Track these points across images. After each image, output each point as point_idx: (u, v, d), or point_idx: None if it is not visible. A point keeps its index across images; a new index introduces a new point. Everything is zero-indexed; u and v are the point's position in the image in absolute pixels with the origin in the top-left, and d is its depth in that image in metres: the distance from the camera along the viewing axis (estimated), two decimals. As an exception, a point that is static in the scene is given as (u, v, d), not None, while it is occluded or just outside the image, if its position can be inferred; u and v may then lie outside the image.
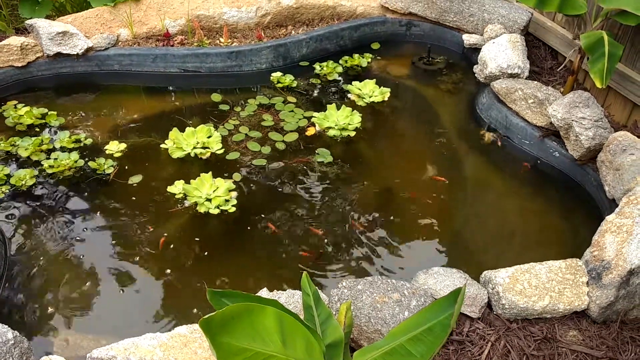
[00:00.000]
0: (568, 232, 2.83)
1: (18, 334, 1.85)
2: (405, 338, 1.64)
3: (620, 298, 2.17)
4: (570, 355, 2.10)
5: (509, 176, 3.17)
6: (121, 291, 2.43)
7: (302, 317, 1.95)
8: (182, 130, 3.18)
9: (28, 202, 2.81)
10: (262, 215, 2.78)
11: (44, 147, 3.11)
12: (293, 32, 4.05)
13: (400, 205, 2.90)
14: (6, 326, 1.83)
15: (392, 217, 2.81)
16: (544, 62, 3.81)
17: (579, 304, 2.19)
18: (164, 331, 2.02)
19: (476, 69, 3.71)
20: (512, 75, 3.43)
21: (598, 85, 2.86)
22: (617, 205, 2.47)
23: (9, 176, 2.90)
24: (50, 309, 2.33)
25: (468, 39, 3.92)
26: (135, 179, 2.96)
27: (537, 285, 2.21)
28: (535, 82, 3.35)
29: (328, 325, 1.85)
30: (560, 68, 3.66)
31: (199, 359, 1.91)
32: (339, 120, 3.29)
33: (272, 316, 1.59)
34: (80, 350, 2.15)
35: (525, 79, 3.44)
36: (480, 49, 3.73)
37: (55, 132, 3.24)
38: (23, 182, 2.86)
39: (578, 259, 2.32)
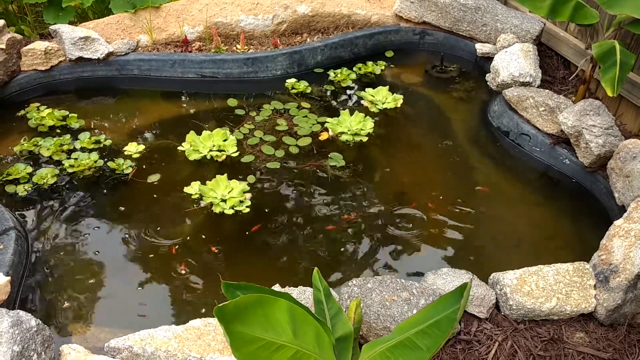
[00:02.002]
0: (577, 239, 2.86)
1: (40, 321, 1.92)
2: (413, 332, 1.69)
3: (627, 301, 2.20)
4: (577, 356, 2.13)
5: (519, 182, 3.20)
6: (137, 286, 2.50)
7: (313, 311, 2.00)
8: (199, 133, 3.26)
9: (49, 199, 2.90)
10: (275, 217, 2.85)
11: (65, 147, 3.20)
12: (308, 39, 4.13)
13: (410, 208, 2.94)
14: (29, 314, 1.91)
15: (402, 219, 2.86)
16: (556, 72, 3.85)
17: (586, 306, 2.22)
18: (178, 324, 2.09)
19: (488, 77, 3.76)
20: (524, 84, 3.47)
21: (609, 93, 2.89)
22: (626, 212, 2.50)
23: (31, 174, 3.00)
24: (69, 302, 2.41)
25: (481, 48, 3.97)
26: (154, 178, 3.04)
27: (544, 287, 2.24)
28: (547, 90, 3.39)
29: (338, 319, 1.91)
30: (572, 77, 3.70)
31: (213, 350, 1.96)
32: (351, 125, 3.36)
33: (284, 308, 1.65)
34: (98, 342, 2.22)
35: (537, 87, 3.48)
36: (493, 57, 3.77)
37: (76, 134, 3.33)
38: (45, 181, 2.95)
39: (586, 262, 2.35)
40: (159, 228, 2.77)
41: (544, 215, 2.96)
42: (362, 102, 3.72)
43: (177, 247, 2.67)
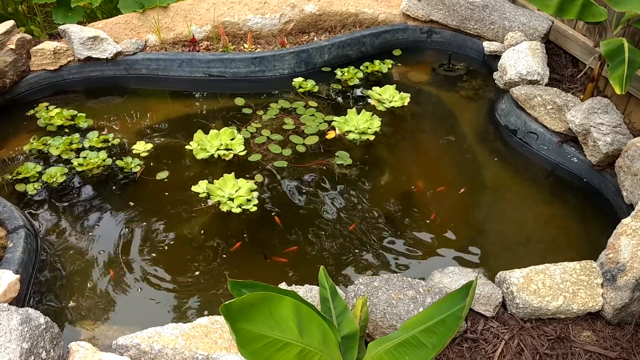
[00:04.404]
0: (585, 237, 2.85)
1: (49, 319, 1.94)
2: (418, 330, 1.69)
3: (635, 300, 2.19)
4: (584, 355, 2.13)
5: (527, 181, 3.19)
6: (145, 284, 2.51)
7: (319, 309, 2.01)
8: (206, 132, 3.28)
9: (58, 198, 2.93)
10: (282, 214, 2.87)
11: (74, 146, 3.23)
12: (315, 38, 4.14)
13: (417, 206, 2.94)
14: (38, 312, 1.93)
15: (409, 218, 2.86)
16: (564, 70, 3.83)
17: (593, 305, 2.21)
18: (185, 322, 2.10)
19: (496, 75, 3.74)
20: (532, 82, 3.46)
21: (617, 91, 2.87)
22: (635, 211, 2.48)
23: (41, 173, 3.03)
24: (77, 301, 2.43)
25: (488, 46, 3.96)
26: (162, 175, 3.07)
27: (551, 286, 2.24)
28: (555, 88, 3.38)
29: (344, 317, 1.91)
30: (580, 75, 3.68)
31: (219, 348, 1.98)
32: (358, 124, 3.36)
33: (290, 306, 1.65)
34: (106, 340, 2.24)
35: (545, 85, 3.47)
36: (501, 56, 3.76)
37: (85, 133, 3.36)
38: (54, 179, 2.98)
39: (593, 261, 2.34)
40: (167, 226, 2.78)
41: (551, 214, 2.95)
42: (369, 100, 3.72)
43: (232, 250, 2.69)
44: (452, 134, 3.45)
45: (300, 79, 3.85)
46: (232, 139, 3.27)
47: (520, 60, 3.53)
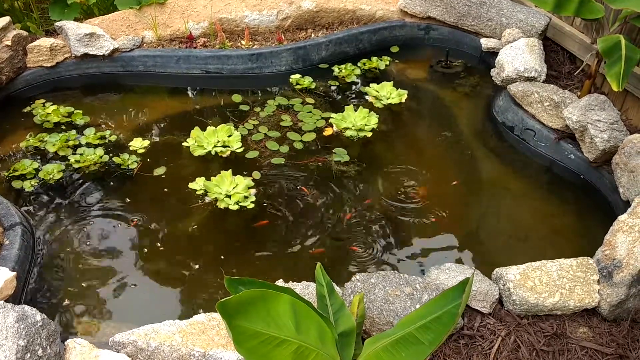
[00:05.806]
0: (582, 234, 2.85)
1: (45, 316, 1.94)
2: (415, 327, 1.70)
3: (631, 296, 2.20)
4: (580, 351, 2.13)
5: (524, 178, 3.20)
6: (142, 281, 2.51)
7: (316, 306, 2.01)
8: (204, 129, 3.27)
9: (55, 194, 2.92)
10: (279, 212, 2.87)
11: (71, 143, 3.22)
12: (313, 35, 4.13)
13: (414, 203, 2.94)
14: (34, 309, 1.92)
15: (406, 214, 2.86)
16: (562, 67, 3.83)
17: (589, 301, 2.22)
18: (182, 319, 2.10)
19: (493, 72, 3.74)
20: (529, 79, 3.46)
21: (614, 88, 2.88)
22: (631, 207, 2.49)
23: (37, 170, 3.02)
24: (74, 297, 2.43)
25: (486, 42, 3.96)
26: (159, 171, 3.07)
27: (547, 282, 2.24)
28: (552, 85, 3.38)
29: (341, 314, 1.91)
30: (577, 72, 3.68)
31: (216, 345, 1.98)
32: (356, 121, 3.36)
33: (286, 303, 1.66)
34: (103, 336, 2.24)
35: (543, 82, 3.46)
36: (498, 52, 3.76)
37: (81, 130, 3.35)
38: (51, 176, 2.97)
39: (589, 258, 2.35)
40: (163, 223, 2.78)
41: (548, 210, 2.96)
42: (366, 97, 3.72)
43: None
44: (449, 131, 3.45)
45: (297, 75, 3.85)
46: (230, 136, 3.26)
47: (518, 57, 3.53)
